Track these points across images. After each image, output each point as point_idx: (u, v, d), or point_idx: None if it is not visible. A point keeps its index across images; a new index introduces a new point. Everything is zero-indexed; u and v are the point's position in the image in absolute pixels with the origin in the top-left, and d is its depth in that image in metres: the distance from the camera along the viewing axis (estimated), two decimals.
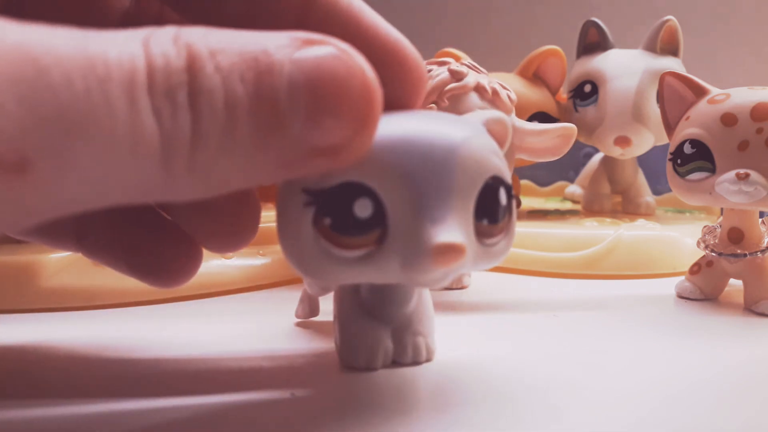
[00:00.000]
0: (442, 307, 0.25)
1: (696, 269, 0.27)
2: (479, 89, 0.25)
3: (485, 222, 0.14)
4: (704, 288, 0.26)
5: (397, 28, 0.16)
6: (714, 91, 0.24)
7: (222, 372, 0.18)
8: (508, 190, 0.14)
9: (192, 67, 0.10)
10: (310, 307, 0.22)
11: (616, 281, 0.30)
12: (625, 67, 0.37)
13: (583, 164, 0.50)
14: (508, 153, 0.25)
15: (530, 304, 0.26)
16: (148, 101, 0.10)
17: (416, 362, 0.18)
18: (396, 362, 0.18)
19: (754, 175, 0.22)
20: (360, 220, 0.13)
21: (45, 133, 0.09)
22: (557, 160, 0.26)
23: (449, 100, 0.24)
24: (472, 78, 0.25)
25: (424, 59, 0.26)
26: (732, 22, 0.68)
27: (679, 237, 0.32)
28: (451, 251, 0.13)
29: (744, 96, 0.23)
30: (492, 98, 0.25)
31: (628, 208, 0.41)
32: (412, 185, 0.13)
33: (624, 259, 0.31)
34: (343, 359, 0.18)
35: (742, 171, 0.22)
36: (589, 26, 0.40)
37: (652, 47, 0.37)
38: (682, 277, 0.27)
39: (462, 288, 0.28)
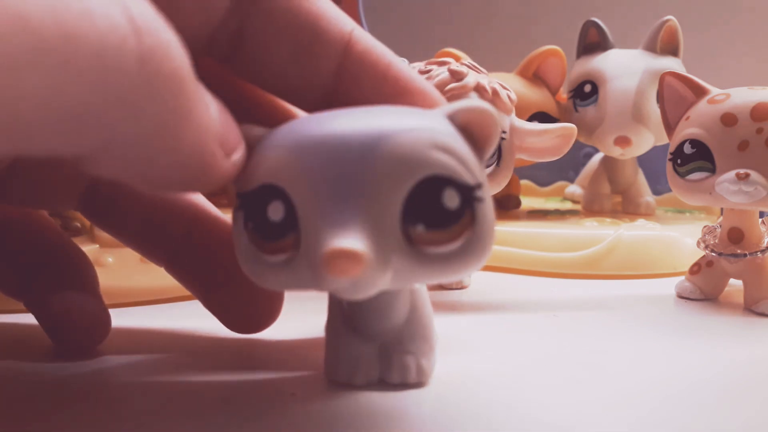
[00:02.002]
0: (442, 307, 0.25)
1: (696, 269, 0.27)
2: (479, 89, 0.25)
3: (420, 227, 0.12)
4: (704, 288, 0.26)
5: (397, 28, 0.16)
6: (714, 91, 0.24)
7: (222, 371, 0.18)
8: (462, 190, 0.13)
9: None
10: None
11: (616, 281, 0.30)
12: (625, 67, 0.37)
13: (583, 164, 0.50)
14: (508, 153, 0.25)
15: (530, 304, 0.26)
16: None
17: (404, 383, 0.16)
18: (383, 381, 0.16)
19: (754, 175, 0.22)
20: (274, 224, 0.13)
21: None
22: (557, 160, 0.26)
23: (449, 100, 0.24)
24: (472, 78, 0.25)
25: (424, 59, 0.26)
26: (732, 22, 0.68)
27: (679, 237, 0.32)
28: (344, 258, 0.11)
29: (744, 96, 0.23)
30: (492, 98, 0.25)
31: (628, 208, 0.41)
32: (316, 186, 0.12)
33: (624, 259, 0.31)
34: (328, 372, 0.17)
35: (742, 171, 0.22)
36: (589, 26, 0.40)
37: (652, 47, 0.37)
38: (682, 277, 0.27)
39: (462, 288, 0.28)
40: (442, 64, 0.25)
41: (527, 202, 0.45)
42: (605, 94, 0.37)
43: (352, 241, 0.11)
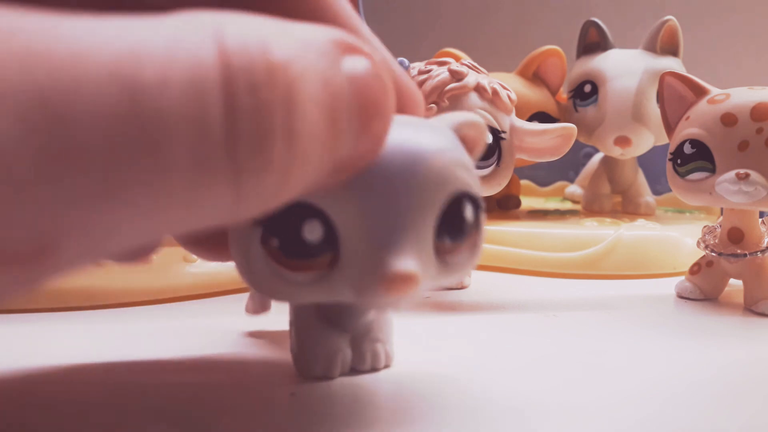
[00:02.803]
0: (442, 307, 0.25)
1: (696, 269, 0.27)
2: (479, 89, 0.25)
3: (447, 240, 0.13)
4: (704, 288, 0.26)
5: (398, 28, 0.16)
6: (714, 91, 0.24)
7: (222, 371, 0.18)
8: (475, 203, 0.13)
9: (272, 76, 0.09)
10: (260, 302, 0.21)
11: (616, 281, 0.30)
12: (625, 67, 0.37)
13: (583, 164, 0.50)
14: (508, 153, 0.25)
15: (530, 304, 0.26)
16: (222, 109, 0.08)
17: (375, 369, 0.17)
18: (354, 369, 0.17)
19: (754, 175, 0.22)
20: (310, 244, 0.12)
21: (74, 202, 0.07)
22: (557, 160, 0.26)
23: (449, 100, 0.24)
24: (472, 78, 0.25)
25: (424, 59, 0.26)
26: (732, 22, 0.68)
27: (679, 237, 0.32)
28: (405, 281, 0.12)
29: (744, 96, 0.23)
30: (492, 98, 0.25)
31: (628, 208, 0.41)
32: (366, 207, 0.12)
33: (624, 259, 0.31)
34: (300, 368, 0.17)
35: (742, 171, 0.22)
36: (589, 26, 0.40)
37: (652, 47, 0.37)
38: (682, 277, 0.27)
39: (462, 288, 0.28)
40: (442, 64, 0.25)
41: (527, 202, 0.45)
42: (605, 94, 0.37)
43: (410, 263, 0.12)
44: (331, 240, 0.12)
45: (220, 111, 0.08)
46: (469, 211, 0.13)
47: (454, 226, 0.13)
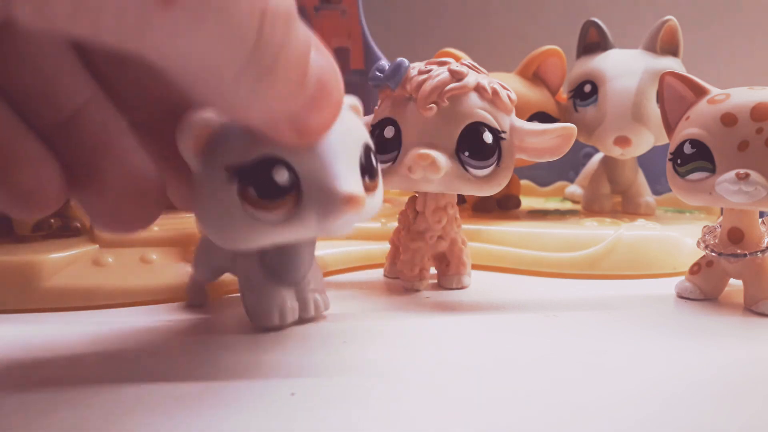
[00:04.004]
0: (442, 307, 0.25)
1: (696, 269, 0.27)
2: (479, 89, 0.25)
3: (367, 179, 0.17)
4: (704, 288, 0.26)
5: (398, 28, 0.17)
6: (714, 91, 0.24)
7: (222, 371, 0.18)
8: (375, 156, 0.18)
9: (289, 23, 0.13)
10: (198, 295, 0.24)
11: (616, 281, 0.30)
12: (625, 67, 0.37)
13: (583, 164, 0.50)
14: (508, 153, 0.25)
15: (530, 304, 0.26)
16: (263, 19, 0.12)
17: (318, 316, 0.22)
18: (301, 319, 0.21)
19: (754, 175, 0.22)
20: (279, 186, 0.16)
21: None
22: (557, 160, 0.26)
23: (449, 100, 0.24)
24: (472, 78, 0.25)
25: (424, 59, 0.26)
26: (732, 22, 0.68)
27: (679, 237, 0.32)
28: (356, 199, 0.16)
29: (744, 96, 0.23)
30: (492, 98, 0.25)
31: (628, 208, 0.41)
32: (316, 154, 0.16)
33: (624, 259, 0.31)
34: (257, 320, 0.21)
35: (742, 171, 0.22)
36: (589, 26, 0.40)
37: (652, 47, 0.37)
38: (682, 277, 0.27)
39: (462, 288, 0.28)
40: (442, 64, 0.25)
41: (527, 202, 0.45)
42: (605, 94, 0.37)
43: (357, 186, 0.16)
44: (294, 182, 0.16)
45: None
46: (374, 160, 0.18)
47: (369, 170, 0.18)
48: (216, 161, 0.16)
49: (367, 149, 0.18)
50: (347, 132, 0.17)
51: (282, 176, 0.16)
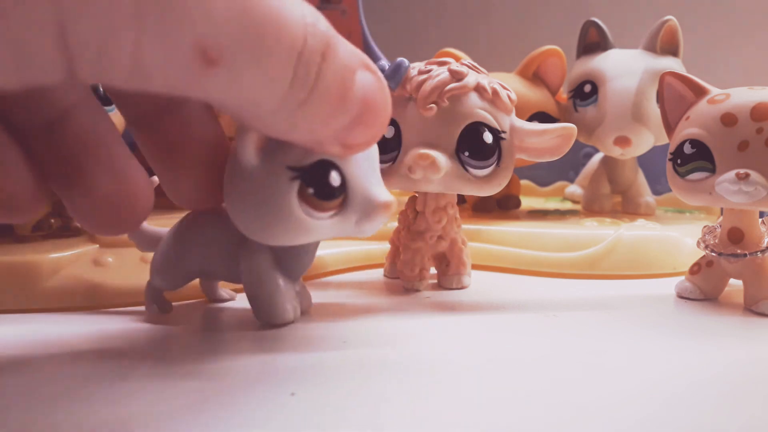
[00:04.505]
0: (442, 307, 0.25)
1: (696, 269, 0.27)
2: (479, 89, 0.25)
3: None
4: (704, 288, 0.26)
5: (398, 28, 0.17)
6: (714, 91, 0.24)
7: (222, 371, 0.18)
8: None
9: (325, 54, 0.14)
10: (159, 305, 0.23)
11: (616, 281, 0.30)
12: (625, 67, 0.37)
13: (583, 164, 0.50)
14: (508, 153, 0.25)
15: (530, 304, 0.26)
16: (296, 59, 0.13)
17: (308, 310, 0.24)
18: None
19: (754, 175, 0.22)
20: (334, 187, 0.18)
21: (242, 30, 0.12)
22: (557, 160, 0.26)
23: (449, 100, 0.24)
24: (472, 78, 0.25)
25: (424, 59, 0.26)
26: (732, 22, 0.68)
27: (679, 237, 0.32)
28: (391, 204, 0.18)
29: (744, 96, 0.23)
30: (492, 98, 0.25)
31: (628, 208, 0.41)
32: (360, 163, 0.18)
33: (624, 259, 0.31)
34: (272, 318, 0.21)
35: (742, 171, 0.22)
36: (589, 26, 0.39)
37: (652, 47, 0.37)
38: (682, 277, 0.27)
39: (462, 288, 0.28)
40: (442, 64, 0.25)
41: (527, 202, 0.45)
42: (605, 94, 0.37)
43: (389, 194, 0.19)
44: (344, 186, 0.18)
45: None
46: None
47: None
48: (277, 160, 0.17)
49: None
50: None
51: (336, 180, 0.18)
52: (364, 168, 0.18)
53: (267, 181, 0.17)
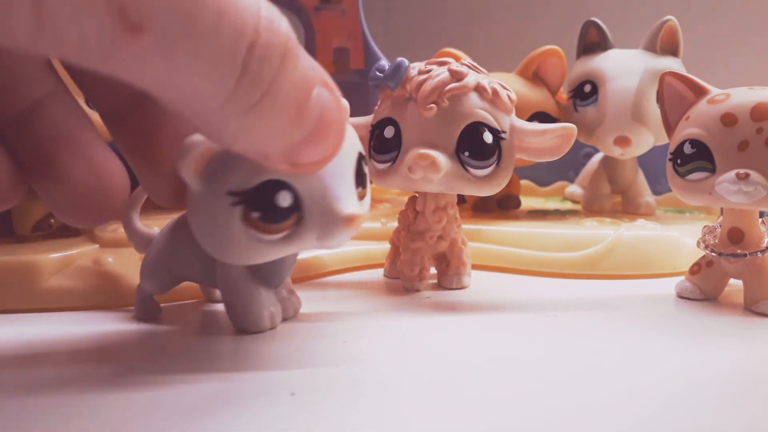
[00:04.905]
0: (442, 307, 0.25)
1: (696, 269, 0.27)
2: (479, 89, 0.25)
3: (360, 188, 0.18)
4: (704, 288, 0.26)
5: (398, 28, 0.17)
6: (714, 91, 0.24)
7: (222, 371, 0.18)
8: (365, 163, 0.18)
9: (285, 58, 0.13)
10: (152, 308, 0.23)
11: (616, 281, 0.30)
12: (625, 67, 0.37)
13: (583, 164, 0.50)
14: (508, 153, 0.25)
15: (530, 304, 0.26)
16: (247, 54, 0.12)
17: (295, 316, 0.23)
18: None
19: (754, 175, 0.22)
20: (282, 209, 0.16)
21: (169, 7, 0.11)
22: (557, 160, 0.26)
23: (449, 100, 0.24)
24: (472, 78, 0.25)
25: (424, 59, 0.26)
26: (732, 22, 0.68)
27: (679, 237, 0.32)
28: (356, 218, 0.17)
29: (744, 96, 0.23)
30: (492, 98, 0.25)
31: (628, 208, 0.41)
32: (319, 176, 0.16)
33: (624, 259, 0.31)
34: (247, 326, 0.21)
35: (742, 171, 0.22)
36: (589, 26, 0.40)
37: (652, 47, 0.37)
38: (682, 277, 0.27)
39: (462, 288, 0.28)
40: (442, 64, 0.25)
41: (527, 202, 0.45)
42: (605, 94, 0.37)
43: (355, 206, 0.17)
44: (296, 204, 0.16)
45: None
46: (365, 167, 0.18)
47: (361, 180, 0.18)
48: (218, 185, 0.16)
49: (359, 159, 0.18)
50: (345, 149, 0.16)
51: (285, 200, 0.16)
52: (328, 180, 0.16)
53: (210, 206, 0.17)
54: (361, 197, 0.18)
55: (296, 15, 0.46)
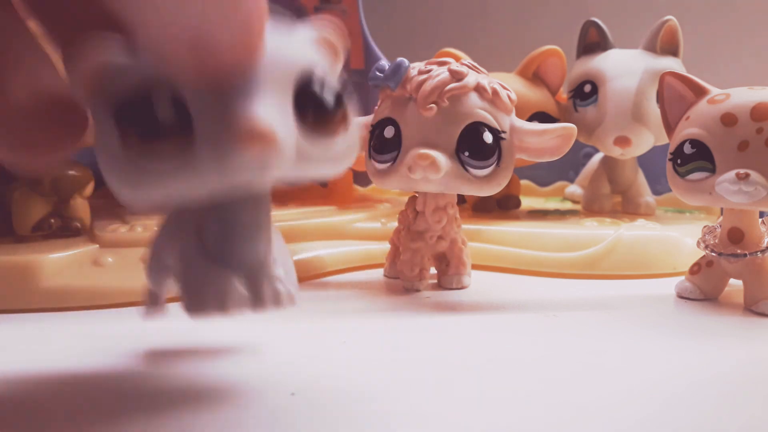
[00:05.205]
0: (442, 307, 0.25)
1: (696, 269, 0.27)
2: (479, 89, 0.25)
3: (311, 116, 0.13)
4: (704, 288, 0.26)
5: (398, 28, 0.16)
6: (714, 91, 0.24)
7: (222, 371, 0.18)
8: (328, 86, 0.14)
9: None
10: (156, 301, 0.19)
11: (616, 281, 0.30)
12: (625, 67, 0.37)
13: (583, 164, 0.50)
14: (508, 153, 0.25)
15: (530, 304, 0.26)
16: None
17: (276, 308, 0.16)
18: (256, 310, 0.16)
19: (754, 175, 0.22)
20: (163, 124, 0.12)
21: None
22: (557, 160, 0.26)
23: (449, 100, 0.24)
24: (472, 78, 0.25)
25: (424, 59, 0.26)
26: (732, 22, 0.68)
27: (679, 237, 0.32)
28: (261, 133, 0.12)
29: (744, 96, 0.23)
30: (492, 98, 0.25)
31: (628, 208, 0.41)
32: (221, 86, 0.12)
33: (624, 259, 0.31)
34: (189, 307, 0.15)
35: (742, 171, 0.22)
36: (589, 26, 0.40)
37: (652, 47, 0.37)
38: (682, 277, 0.27)
39: (462, 288, 0.28)
40: (442, 64, 0.25)
41: (527, 202, 0.45)
42: (605, 94, 0.37)
43: (262, 111, 0.12)
44: (184, 120, 0.12)
45: None
46: (327, 91, 0.13)
47: (315, 105, 0.13)
48: (102, 99, 0.13)
49: (306, 77, 0.13)
50: (270, 58, 0.13)
51: (167, 112, 0.12)
52: (228, 93, 0.12)
53: (97, 125, 0.13)
54: (320, 129, 0.13)
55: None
